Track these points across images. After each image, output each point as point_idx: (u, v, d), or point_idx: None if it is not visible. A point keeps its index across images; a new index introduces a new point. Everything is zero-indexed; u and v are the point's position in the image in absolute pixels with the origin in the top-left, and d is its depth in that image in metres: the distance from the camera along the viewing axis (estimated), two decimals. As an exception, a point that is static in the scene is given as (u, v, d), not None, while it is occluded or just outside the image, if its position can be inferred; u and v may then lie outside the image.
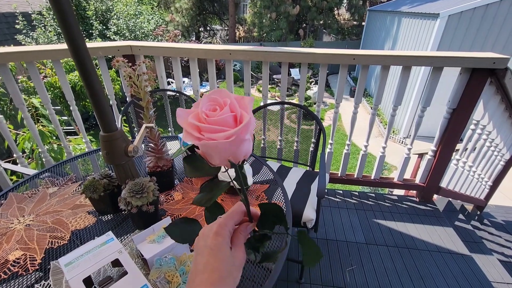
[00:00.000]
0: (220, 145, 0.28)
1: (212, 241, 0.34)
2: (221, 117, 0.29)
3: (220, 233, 0.35)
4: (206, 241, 0.34)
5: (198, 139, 0.28)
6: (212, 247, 0.33)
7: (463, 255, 1.66)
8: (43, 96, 1.66)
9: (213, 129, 0.28)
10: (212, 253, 0.33)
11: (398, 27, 7.86)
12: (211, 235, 0.34)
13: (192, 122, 0.29)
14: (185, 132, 0.29)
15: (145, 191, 0.77)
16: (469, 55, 1.50)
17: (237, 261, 0.35)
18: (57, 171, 1.12)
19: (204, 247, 0.34)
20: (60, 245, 0.77)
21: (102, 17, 6.88)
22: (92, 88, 0.69)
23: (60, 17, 0.60)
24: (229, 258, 0.34)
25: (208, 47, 1.77)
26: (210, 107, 0.30)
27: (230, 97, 0.31)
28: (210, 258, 0.33)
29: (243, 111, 0.30)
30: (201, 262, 0.33)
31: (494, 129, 1.85)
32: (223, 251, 0.34)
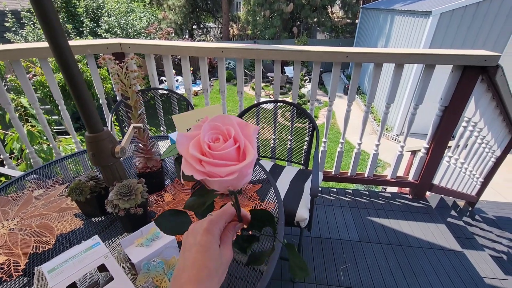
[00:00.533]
0: (222, 181, 0.27)
1: (202, 238, 0.34)
2: (225, 152, 0.27)
3: (210, 230, 0.34)
4: (196, 238, 0.34)
5: (200, 173, 0.27)
6: (202, 244, 0.33)
7: (455, 251, 1.68)
8: (29, 95, 1.61)
9: (216, 163, 0.27)
10: (201, 250, 0.33)
11: (391, 25, 7.90)
12: (201, 231, 0.34)
13: (194, 155, 0.28)
14: (185, 162, 0.28)
15: (133, 193, 0.75)
16: (460, 52, 1.51)
17: (225, 259, 0.35)
18: (43, 173, 1.08)
19: (193, 243, 0.34)
20: (45, 250, 0.74)
21: (93, 15, 6.76)
22: (76, 88, 0.67)
23: (39, 13, 0.58)
24: (217, 256, 0.34)
25: (200, 44, 1.74)
26: (213, 136, 0.29)
27: (234, 125, 0.29)
28: (199, 255, 0.33)
29: (247, 143, 0.28)
30: (190, 258, 0.33)
31: (485, 126, 1.87)
32: (212, 249, 0.33)
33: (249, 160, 0.28)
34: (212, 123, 0.30)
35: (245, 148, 0.28)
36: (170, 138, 1.03)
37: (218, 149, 0.28)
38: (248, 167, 0.28)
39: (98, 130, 0.73)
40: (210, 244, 0.33)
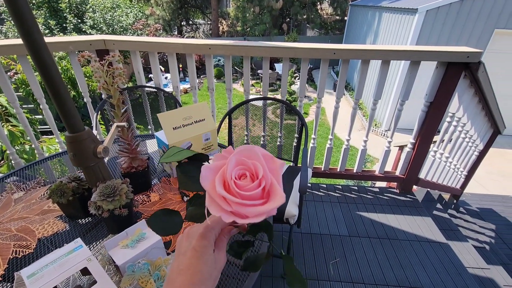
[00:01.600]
0: (249, 221, 0.27)
1: (198, 243, 0.34)
2: (253, 193, 0.27)
3: (206, 236, 0.35)
4: (191, 242, 0.34)
5: (227, 213, 0.27)
6: (196, 249, 0.33)
7: (440, 243, 1.72)
8: (8, 94, 1.55)
9: (244, 203, 0.27)
10: (196, 255, 0.33)
11: (379, 22, 7.99)
12: (196, 236, 0.34)
13: (222, 194, 0.27)
14: (211, 200, 0.27)
15: (117, 193, 0.73)
16: (444, 49, 1.54)
17: (219, 265, 0.35)
18: (24, 174, 1.05)
19: (188, 248, 0.34)
20: (26, 254, 0.72)
21: (76, 10, 6.56)
22: (53, 86, 0.64)
23: (11, 8, 0.55)
24: (212, 261, 0.34)
25: (186, 41, 1.71)
26: (239, 173, 0.28)
27: (261, 160, 0.28)
28: (194, 260, 0.33)
29: (274, 182, 0.28)
30: (184, 262, 0.33)
31: (468, 121, 1.92)
32: (207, 254, 0.34)
33: (278, 203, 0.27)
34: (239, 158, 0.29)
35: (271, 186, 0.28)
36: (157, 137, 1.01)
37: (246, 188, 0.27)
38: (276, 208, 0.27)
39: (78, 129, 0.71)
40: (205, 249, 0.34)
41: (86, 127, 0.74)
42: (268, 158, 0.30)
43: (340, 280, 1.47)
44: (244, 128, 1.89)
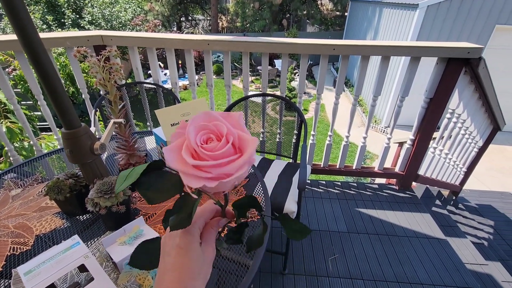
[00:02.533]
0: (236, 177, 0.25)
1: (181, 240, 0.32)
2: (225, 149, 0.25)
3: (189, 230, 0.33)
4: (175, 240, 0.32)
5: (210, 180, 0.25)
6: (181, 246, 0.32)
7: (439, 239, 1.73)
8: (6, 90, 1.54)
9: (222, 163, 0.25)
10: (181, 253, 0.31)
11: (380, 18, 7.94)
12: (179, 233, 0.33)
13: (196, 164, 0.25)
14: (188, 176, 0.25)
15: (114, 190, 0.73)
16: (445, 45, 1.53)
17: (207, 258, 0.34)
18: (22, 171, 1.04)
19: (172, 247, 0.32)
20: (23, 251, 0.72)
21: (75, 5, 6.50)
22: (48, 83, 0.63)
23: (5, 2, 0.54)
24: (199, 256, 0.33)
25: (185, 37, 1.70)
26: (204, 138, 0.27)
27: (220, 119, 0.27)
28: (179, 258, 0.31)
29: (241, 132, 0.27)
30: (170, 262, 0.31)
31: (468, 118, 1.92)
32: (193, 250, 0.32)
33: (253, 147, 0.26)
34: (198, 124, 0.27)
35: (239, 138, 0.27)
36: (154, 134, 1.00)
37: (216, 149, 0.26)
38: (254, 153, 0.26)
39: (75, 126, 0.70)
40: (190, 245, 0.32)
41: (83, 124, 0.73)
42: (224, 115, 0.29)
43: (339, 276, 1.48)
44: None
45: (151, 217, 0.83)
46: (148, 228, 0.72)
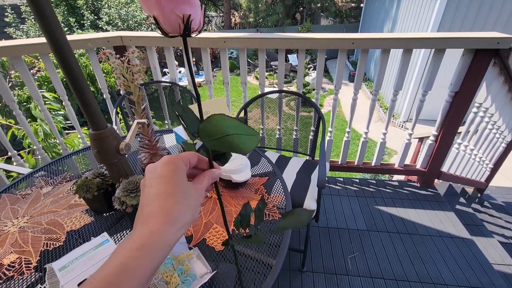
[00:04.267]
0: None
1: (163, 168, 0.30)
2: None
3: (171, 160, 0.30)
4: (155, 171, 0.30)
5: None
6: (163, 175, 0.29)
7: (464, 239, 1.67)
8: (33, 91, 1.61)
9: None
10: (163, 181, 0.29)
11: (398, 8, 7.64)
12: (160, 164, 0.30)
13: None
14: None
15: (139, 189, 0.75)
16: (472, 35, 1.45)
17: (196, 193, 0.31)
18: (51, 170, 1.09)
19: (152, 178, 0.29)
20: (56, 247, 0.75)
21: (93, 7, 6.68)
22: (76, 85, 0.65)
23: (35, 8, 0.56)
24: (184, 184, 0.30)
25: (202, 35, 1.70)
26: None
27: None
28: (162, 186, 0.28)
29: None
30: (152, 193, 0.28)
31: (496, 111, 1.82)
32: (176, 177, 0.29)
33: None
34: None
35: None
36: (176, 133, 1.02)
37: None
38: None
39: (101, 127, 0.72)
40: (174, 173, 0.29)
41: (109, 125, 0.75)
42: None
43: (359, 275, 1.46)
44: (258, 121, 1.88)
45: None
46: (172, 226, 0.73)
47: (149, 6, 0.26)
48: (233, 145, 0.26)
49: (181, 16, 0.26)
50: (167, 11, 0.26)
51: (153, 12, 0.26)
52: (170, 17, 0.26)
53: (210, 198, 0.91)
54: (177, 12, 0.26)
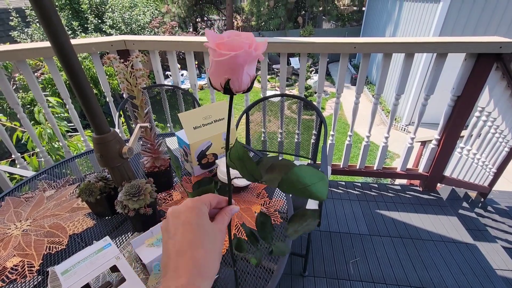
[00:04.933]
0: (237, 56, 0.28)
1: (187, 215, 0.29)
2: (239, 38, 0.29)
3: (195, 206, 0.30)
4: (179, 219, 0.29)
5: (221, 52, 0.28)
6: (189, 222, 0.29)
7: (467, 244, 1.65)
8: (37, 94, 1.63)
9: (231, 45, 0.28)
10: (190, 229, 0.28)
11: (400, 12, 7.66)
12: (183, 209, 0.30)
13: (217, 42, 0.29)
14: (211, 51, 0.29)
15: (141, 193, 0.75)
16: (474, 39, 1.45)
17: (220, 235, 0.31)
18: (54, 173, 1.10)
19: (176, 226, 0.29)
20: (58, 250, 0.76)
21: (97, 11, 6.75)
22: (80, 89, 0.66)
23: (40, 13, 0.57)
24: (211, 229, 0.29)
25: (204, 39, 1.72)
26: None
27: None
28: (189, 234, 0.28)
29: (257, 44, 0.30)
30: (179, 241, 0.27)
31: (499, 116, 1.81)
32: (202, 225, 0.29)
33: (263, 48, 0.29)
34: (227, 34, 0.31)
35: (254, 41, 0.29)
36: (177, 137, 1.03)
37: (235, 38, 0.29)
38: (258, 47, 0.28)
39: (104, 131, 0.73)
40: (198, 219, 0.29)
41: (111, 129, 0.76)
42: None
43: (361, 279, 1.45)
44: (259, 124, 1.89)
45: (175, 219, 0.85)
46: (174, 230, 0.73)
47: (229, 71, 0.29)
48: (313, 195, 0.29)
49: (252, 76, 0.31)
50: (245, 75, 0.30)
51: (228, 75, 0.30)
52: (245, 79, 0.30)
53: (212, 202, 0.91)
54: (251, 74, 0.31)
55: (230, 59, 0.28)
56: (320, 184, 0.29)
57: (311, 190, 0.29)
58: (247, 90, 0.32)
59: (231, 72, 0.29)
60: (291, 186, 0.29)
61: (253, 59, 0.30)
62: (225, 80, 0.30)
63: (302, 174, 0.29)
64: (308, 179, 0.29)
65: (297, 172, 0.29)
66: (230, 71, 0.29)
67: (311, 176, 0.29)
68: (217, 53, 0.28)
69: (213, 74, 0.31)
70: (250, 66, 0.30)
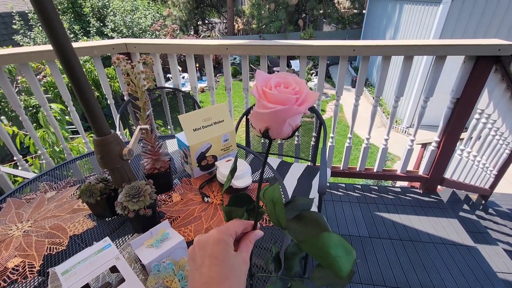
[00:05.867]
0: (281, 111, 0.27)
1: (214, 248, 0.30)
2: (289, 90, 0.28)
3: (222, 239, 0.31)
4: (205, 251, 0.30)
5: (267, 108, 0.28)
6: (215, 255, 0.30)
7: (468, 247, 1.65)
8: (39, 97, 1.65)
9: (281, 101, 0.28)
10: (216, 262, 0.29)
11: (400, 14, 7.69)
12: (211, 241, 0.31)
13: (263, 89, 0.29)
14: (257, 102, 0.29)
15: (141, 194, 0.76)
16: (473, 42, 1.46)
17: (244, 267, 0.31)
18: (55, 174, 1.11)
19: (204, 256, 0.30)
20: (59, 251, 0.76)
21: (98, 14, 6.81)
22: (81, 91, 0.67)
23: (42, 17, 0.58)
24: (236, 261, 0.30)
25: (205, 42, 1.73)
26: (277, 82, 0.30)
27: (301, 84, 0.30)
28: (216, 268, 0.29)
29: (308, 91, 0.30)
30: (206, 274, 0.28)
31: (499, 118, 1.81)
32: (228, 258, 0.30)
33: (312, 102, 0.28)
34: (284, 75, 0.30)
35: (306, 94, 0.29)
36: (177, 139, 1.03)
37: (283, 90, 0.29)
38: (304, 103, 0.28)
39: (105, 133, 0.74)
40: (225, 253, 0.30)
41: (112, 131, 0.77)
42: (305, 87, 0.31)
43: (361, 282, 1.45)
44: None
45: (175, 221, 0.86)
46: (173, 231, 0.74)
47: (270, 122, 0.29)
48: (333, 266, 0.27)
49: (294, 126, 0.30)
50: (286, 126, 0.29)
51: (270, 124, 0.29)
52: (286, 129, 0.29)
53: (211, 203, 0.92)
54: (293, 125, 0.30)
55: (274, 113, 0.27)
56: (345, 259, 0.27)
57: (332, 262, 0.27)
58: (287, 137, 0.31)
59: (273, 123, 0.28)
60: (314, 248, 0.28)
61: (298, 114, 0.29)
62: (265, 128, 0.29)
63: (331, 243, 0.27)
64: (334, 250, 0.27)
65: (326, 240, 0.27)
66: (272, 122, 0.28)
67: (340, 247, 0.27)
68: (261, 104, 0.27)
69: (254, 118, 0.30)
70: (293, 119, 0.29)
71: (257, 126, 0.30)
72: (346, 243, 0.28)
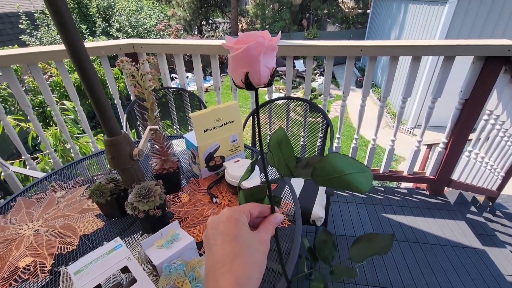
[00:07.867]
0: (250, 48, 0.28)
1: (225, 225, 0.29)
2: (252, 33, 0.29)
3: (233, 216, 0.30)
4: (217, 229, 0.30)
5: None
6: (227, 232, 0.29)
7: (475, 249, 1.63)
8: (47, 97, 1.66)
9: (245, 39, 0.29)
10: (228, 239, 0.28)
11: (405, 14, 7.63)
12: (223, 219, 0.30)
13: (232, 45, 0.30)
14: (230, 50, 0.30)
15: (151, 195, 0.76)
16: (482, 42, 1.44)
17: (262, 247, 0.30)
18: (63, 174, 1.11)
19: (215, 235, 0.29)
20: (69, 250, 0.77)
21: (104, 14, 6.85)
22: (94, 93, 0.67)
23: (57, 19, 0.58)
24: (250, 239, 0.29)
25: (211, 43, 1.74)
26: None
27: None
28: (227, 245, 0.28)
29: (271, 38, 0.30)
30: (219, 252, 0.28)
31: (508, 119, 1.79)
32: (241, 235, 0.29)
33: (275, 40, 0.29)
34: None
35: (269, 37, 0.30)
36: (185, 139, 1.04)
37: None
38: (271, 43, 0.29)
39: (116, 133, 0.74)
40: (238, 230, 0.29)
41: (122, 131, 0.77)
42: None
43: (367, 284, 1.44)
44: (265, 126, 1.89)
45: (184, 221, 0.86)
46: (183, 232, 0.74)
47: (245, 64, 0.29)
48: (351, 184, 0.26)
49: (271, 69, 0.30)
50: (262, 66, 0.29)
51: (246, 69, 0.29)
52: (263, 71, 0.30)
53: (220, 204, 0.92)
54: (269, 66, 0.30)
55: (244, 52, 0.28)
56: (361, 175, 0.26)
57: (348, 180, 0.26)
58: (268, 84, 0.31)
59: (248, 65, 0.29)
60: (325, 175, 0.27)
61: (267, 50, 0.29)
62: (244, 74, 0.29)
63: (340, 163, 0.27)
64: (345, 168, 0.26)
65: (330, 160, 0.27)
66: (247, 64, 0.29)
67: (348, 165, 0.26)
68: (233, 49, 0.29)
69: (233, 72, 0.30)
70: (266, 58, 0.29)
71: (237, 78, 0.30)
72: (358, 163, 0.27)
